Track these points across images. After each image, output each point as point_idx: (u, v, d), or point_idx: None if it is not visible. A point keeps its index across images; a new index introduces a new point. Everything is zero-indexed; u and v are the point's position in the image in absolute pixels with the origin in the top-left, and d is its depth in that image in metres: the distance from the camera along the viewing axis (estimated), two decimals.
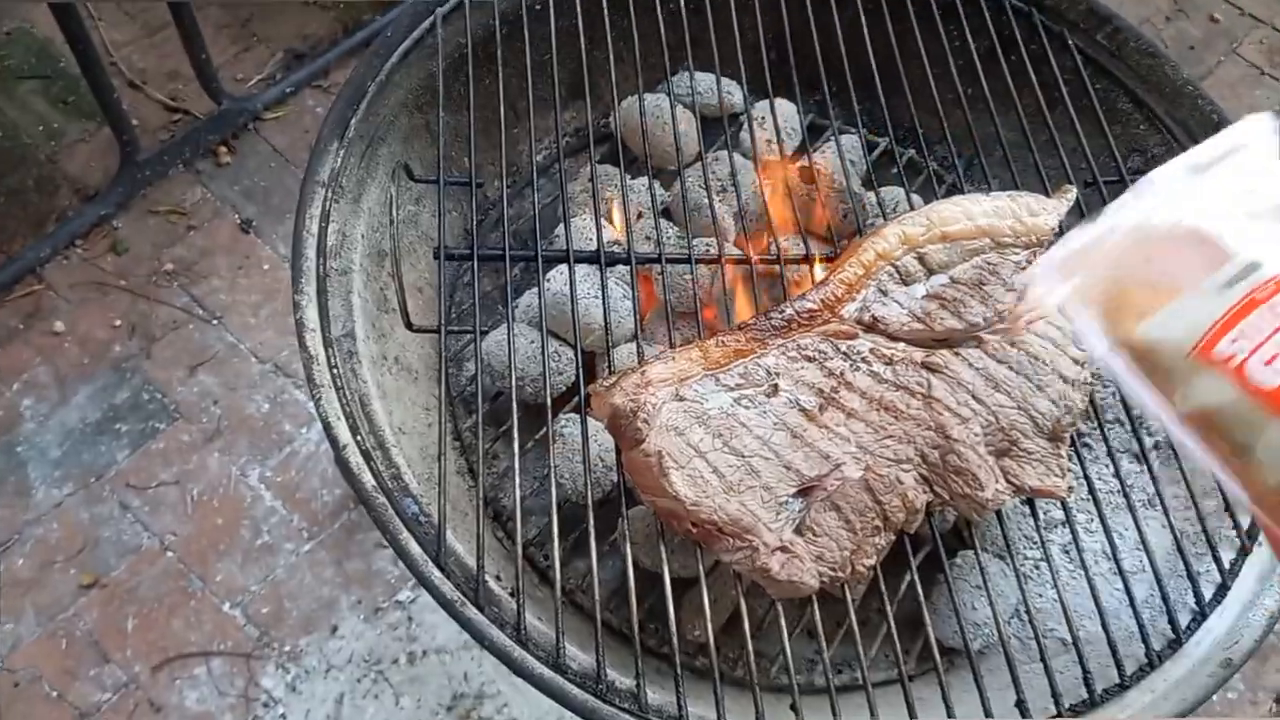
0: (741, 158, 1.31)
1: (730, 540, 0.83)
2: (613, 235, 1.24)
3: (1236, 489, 0.48)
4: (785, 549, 0.83)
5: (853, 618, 0.87)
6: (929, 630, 0.89)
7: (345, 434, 0.96)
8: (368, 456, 0.96)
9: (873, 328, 0.94)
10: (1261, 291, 0.47)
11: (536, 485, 1.18)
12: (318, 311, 1.03)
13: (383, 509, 0.93)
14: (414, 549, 0.91)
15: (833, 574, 0.84)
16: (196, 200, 2.02)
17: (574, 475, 1.12)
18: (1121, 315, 0.51)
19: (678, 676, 0.85)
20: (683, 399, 0.86)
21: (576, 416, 1.15)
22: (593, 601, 0.87)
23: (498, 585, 0.96)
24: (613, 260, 1.08)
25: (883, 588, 0.90)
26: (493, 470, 1.21)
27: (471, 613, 0.88)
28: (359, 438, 0.97)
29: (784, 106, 1.33)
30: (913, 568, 0.93)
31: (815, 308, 0.93)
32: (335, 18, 2.28)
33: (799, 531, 0.85)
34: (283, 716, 1.56)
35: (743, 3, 1.26)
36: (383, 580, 1.67)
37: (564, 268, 1.13)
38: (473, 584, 0.89)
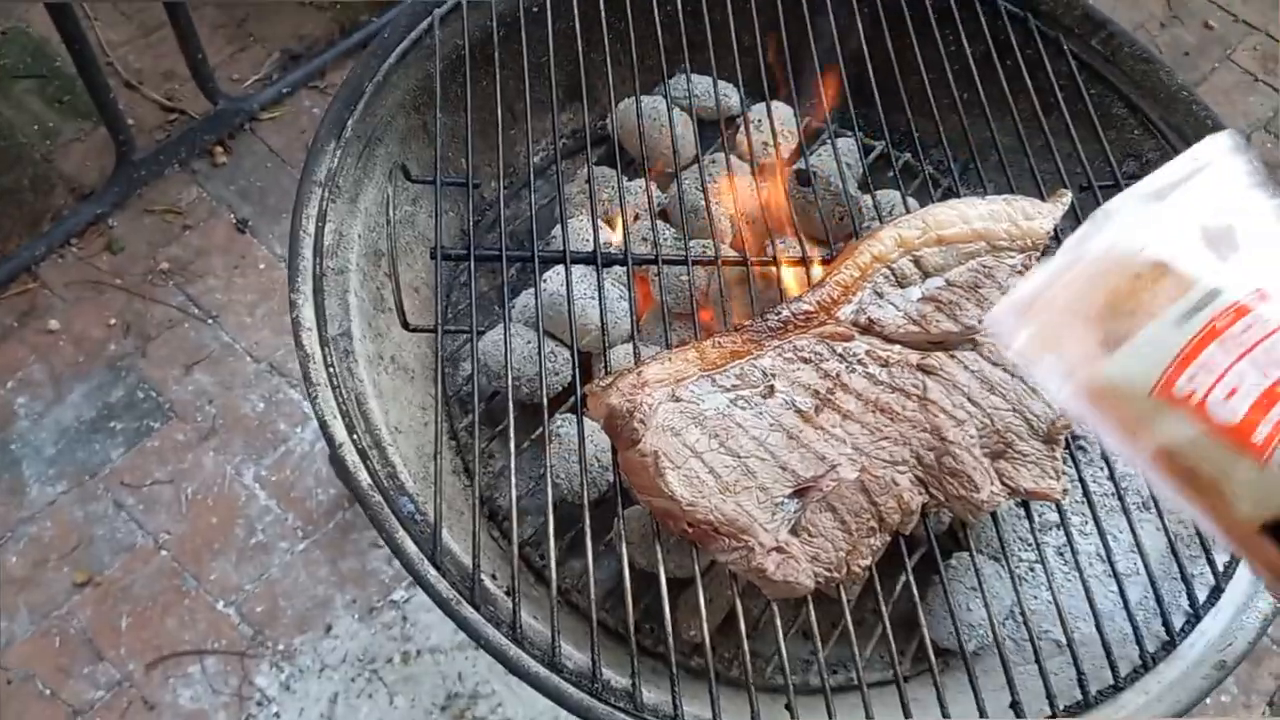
0: (738, 160, 1.31)
1: (726, 540, 0.83)
2: (609, 236, 1.24)
3: (1209, 525, 0.47)
4: (781, 549, 0.83)
5: (848, 618, 0.88)
6: (924, 631, 0.89)
7: (341, 432, 0.97)
8: (364, 455, 0.96)
9: (868, 330, 0.94)
10: (1222, 319, 0.46)
11: (532, 485, 1.18)
12: (314, 310, 1.03)
13: (379, 507, 0.93)
14: (410, 548, 0.91)
15: (828, 574, 0.85)
16: (192, 200, 2.02)
17: (570, 475, 1.12)
18: (1082, 358, 0.50)
19: (673, 676, 0.85)
20: (679, 400, 0.86)
21: (573, 416, 1.15)
22: (588, 601, 0.88)
23: (493, 584, 0.96)
24: (609, 261, 1.09)
25: (878, 588, 0.90)
26: (489, 470, 1.21)
27: (467, 611, 0.88)
28: (355, 436, 0.97)
29: (780, 109, 1.33)
30: (908, 569, 0.93)
31: (811, 310, 0.94)
32: (331, 18, 2.28)
33: (795, 532, 0.85)
34: (276, 715, 1.56)
35: (739, 6, 1.26)
36: (377, 580, 1.67)
37: (560, 268, 1.13)
38: (468, 583, 0.89)
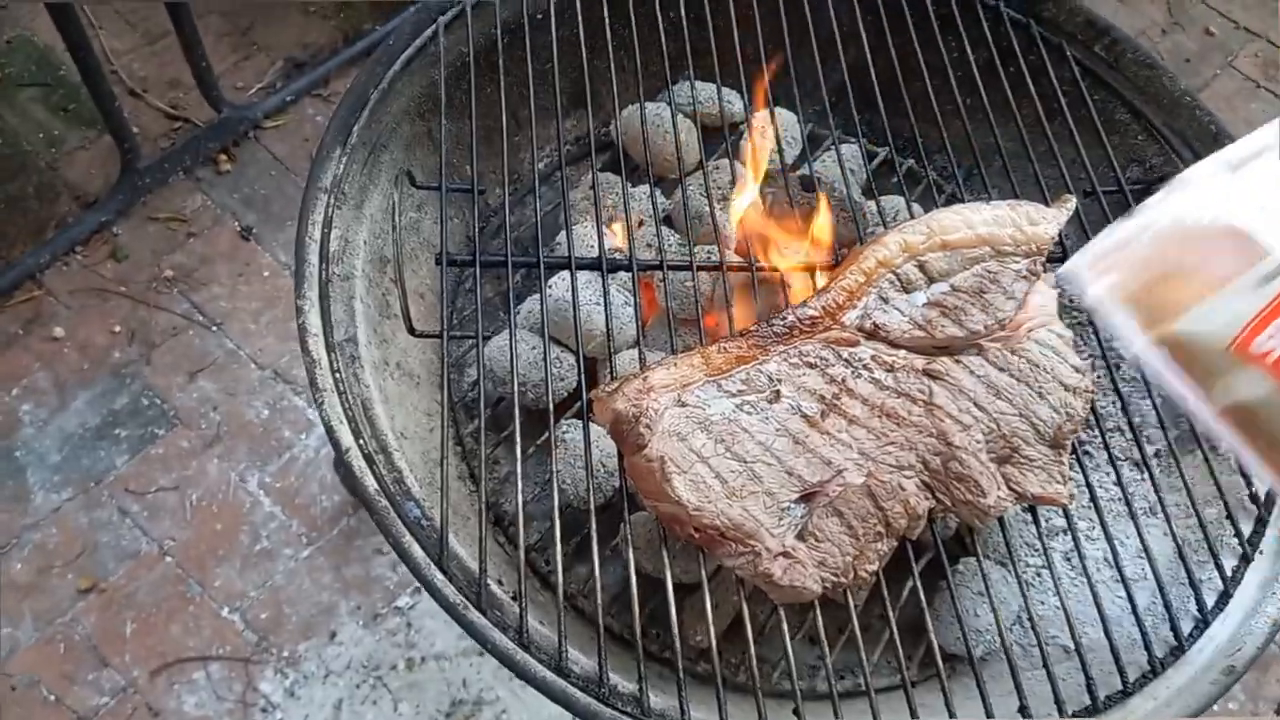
0: (742, 166, 1.31)
1: (733, 545, 0.83)
2: (614, 242, 1.25)
3: (1275, 481, 0.49)
4: (788, 554, 0.83)
5: (855, 623, 0.88)
6: (931, 636, 0.89)
7: (348, 438, 0.97)
8: (370, 460, 0.96)
9: (874, 335, 0.94)
10: None
11: (538, 490, 1.18)
12: (320, 316, 1.03)
13: (385, 512, 0.93)
14: (416, 552, 0.91)
15: (835, 579, 0.85)
16: (197, 207, 2.03)
17: (576, 480, 1.12)
18: (1158, 311, 0.51)
19: (680, 681, 0.85)
20: (685, 405, 0.86)
21: (578, 422, 1.15)
22: (595, 606, 0.88)
23: (500, 589, 0.96)
24: (615, 267, 1.09)
25: (885, 593, 0.90)
26: (494, 475, 1.21)
27: (474, 616, 0.88)
28: (361, 442, 0.97)
29: (784, 116, 1.33)
30: (915, 574, 0.93)
31: (817, 315, 0.94)
32: (336, 26, 2.28)
33: (801, 537, 0.85)
34: None
35: (743, 13, 1.27)
36: (382, 586, 1.67)
37: (566, 274, 1.13)
38: (475, 588, 0.89)
